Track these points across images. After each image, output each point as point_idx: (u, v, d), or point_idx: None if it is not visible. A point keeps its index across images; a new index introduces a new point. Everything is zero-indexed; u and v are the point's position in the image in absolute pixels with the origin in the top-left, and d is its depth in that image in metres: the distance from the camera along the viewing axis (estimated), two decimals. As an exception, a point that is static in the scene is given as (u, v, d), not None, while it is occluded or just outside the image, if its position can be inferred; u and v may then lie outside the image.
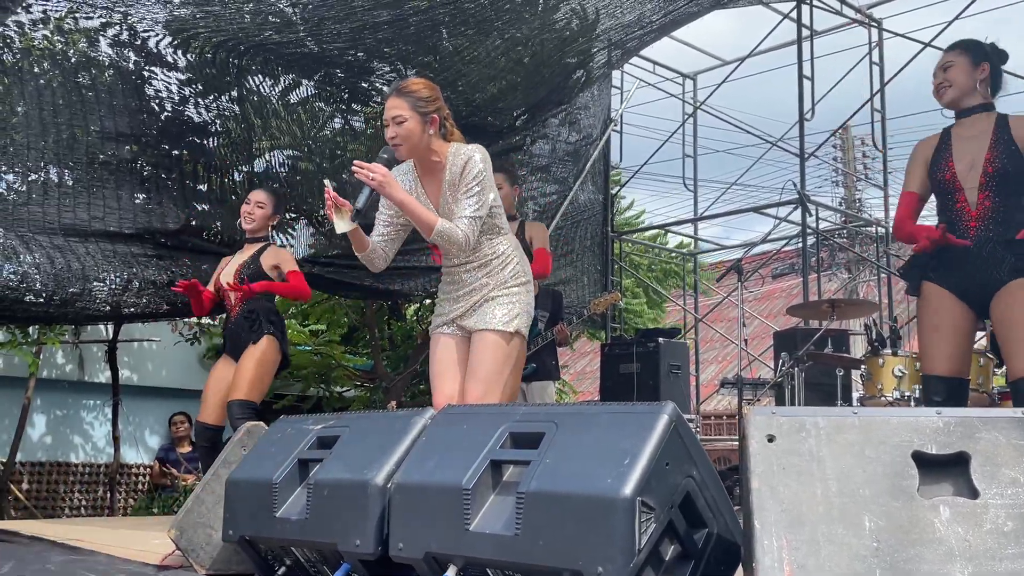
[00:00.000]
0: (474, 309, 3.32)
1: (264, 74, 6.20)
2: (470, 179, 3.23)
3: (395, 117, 3.23)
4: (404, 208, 3.20)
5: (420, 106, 3.25)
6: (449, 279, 3.43)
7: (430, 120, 3.27)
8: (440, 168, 3.31)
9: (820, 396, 6.03)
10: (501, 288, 3.31)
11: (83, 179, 5.66)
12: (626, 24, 6.48)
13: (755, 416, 1.86)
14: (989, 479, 1.70)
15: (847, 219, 11.35)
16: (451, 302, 3.39)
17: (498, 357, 3.25)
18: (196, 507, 3.00)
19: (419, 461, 2.33)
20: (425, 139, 3.27)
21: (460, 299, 3.36)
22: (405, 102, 3.24)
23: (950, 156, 3.47)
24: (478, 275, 3.33)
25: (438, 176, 3.31)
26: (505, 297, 3.31)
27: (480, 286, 3.32)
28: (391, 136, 3.24)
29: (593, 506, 1.89)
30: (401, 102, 3.24)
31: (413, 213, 3.19)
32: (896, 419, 1.81)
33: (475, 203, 3.23)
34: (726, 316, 13.04)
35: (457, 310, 3.35)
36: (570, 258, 8.51)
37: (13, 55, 5.30)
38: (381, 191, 3.18)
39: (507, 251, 3.38)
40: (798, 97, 7.64)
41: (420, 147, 3.28)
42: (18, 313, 5.83)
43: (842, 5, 8.49)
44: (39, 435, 8.86)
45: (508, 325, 3.27)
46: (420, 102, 3.25)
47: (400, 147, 3.26)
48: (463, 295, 3.35)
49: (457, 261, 3.38)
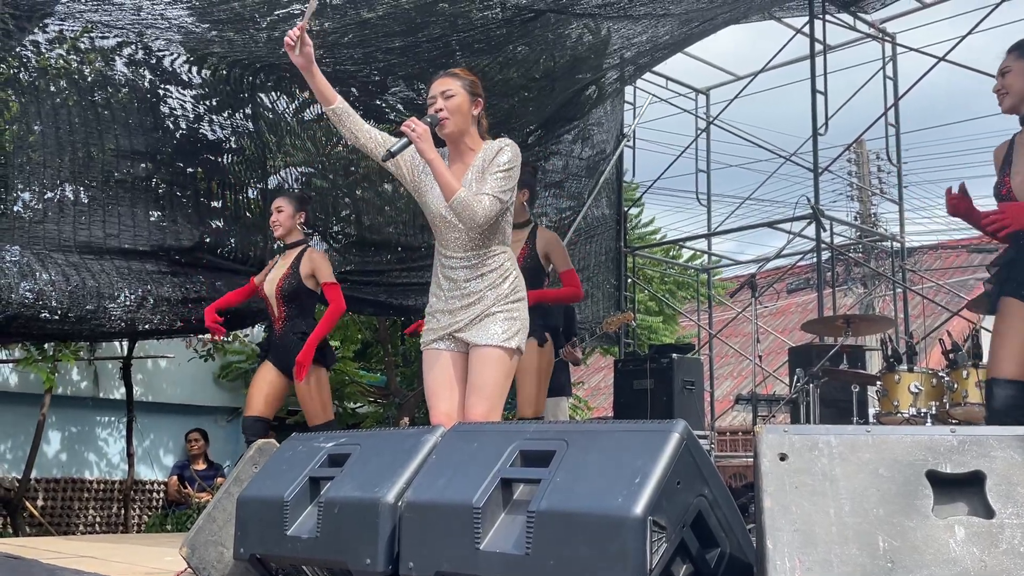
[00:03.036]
0: (473, 323, 3.24)
1: (279, 91, 6.25)
2: (501, 163, 3.19)
3: (444, 91, 3.23)
4: (433, 166, 3.13)
5: (468, 86, 3.27)
6: (445, 276, 3.30)
7: (475, 102, 3.30)
8: (470, 156, 3.29)
9: (836, 412, 5.99)
10: (501, 303, 3.25)
11: (98, 197, 5.70)
12: (639, 42, 6.49)
13: (767, 434, 1.84)
14: (1005, 498, 1.68)
15: (862, 234, 11.29)
16: (447, 314, 3.28)
17: (500, 374, 3.20)
18: (208, 525, 3.00)
19: (430, 479, 2.32)
20: (469, 118, 3.28)
21: (458, 311, 3.25)
22: (455, 80, 3.26)
23: (1008, 170, 3.32)
24: (478, 285, 3.25)
25: (466, 163, 3.29)
26: (505, 313, 3.24)
27: (480, 298, 3.24)
28: (438, 108, 3.22)
29: (604, 525, 1.87)
30: (451, 80, 3.26)
31: (440, 173, 3.13)
32: (910, 437, 1.79)
33: (501, 185, 3.17)
34: (741, 331, 12.98)
35: (456, 324, 3.25)
36: (584, 274, 8.51)
37: (30, 74, 5.36)
38: (417, 144, 3.11)
39: (507, 264, 3.31)
40: (811, 112, 7.62)
41: (463, 125, 3.26)
42: (34, 330, 5.87)
43: (855, 20, 8.47)
44: (54, 452, 8.90)
45: (509, 342, 3.21)
46: (468, 83, 3.28)
47: (447, 120, 3.23)
48: (461, 307, 3.25)
49: (454, 253, 3.27)
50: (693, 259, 12.61)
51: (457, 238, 3.25)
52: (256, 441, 3.21)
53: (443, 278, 3.31)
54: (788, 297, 14.82)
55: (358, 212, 7.10)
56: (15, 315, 5.46)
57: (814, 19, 7.77)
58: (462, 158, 3.31)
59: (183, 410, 9.32)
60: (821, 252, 7.68)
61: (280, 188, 6.58)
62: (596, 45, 6.21)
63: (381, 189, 7.27)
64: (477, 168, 3.25)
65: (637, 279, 9.73)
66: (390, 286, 7.17)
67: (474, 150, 3.29)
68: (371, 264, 7.12)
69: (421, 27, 5.25)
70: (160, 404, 9.33)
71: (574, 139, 7.92)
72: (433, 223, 3.32)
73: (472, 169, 3.26)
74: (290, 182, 6.72)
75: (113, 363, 8.69)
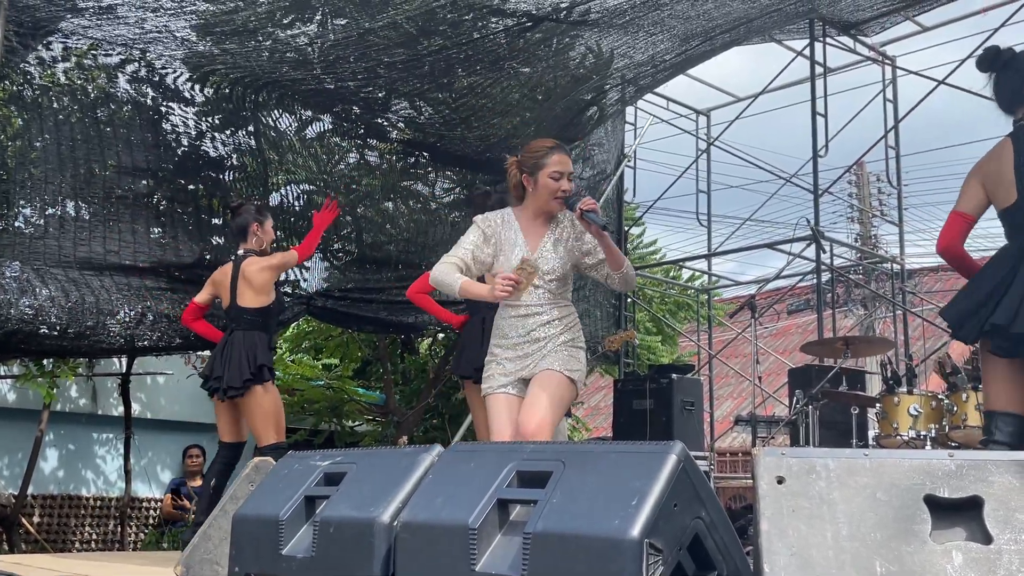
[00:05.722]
0: (537, 362, 3.40)
1: (281, 109, 6.27)
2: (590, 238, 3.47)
3: (570, 174, 3.49)
4: (603, 240, 3.37)
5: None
6: (513, 326, 3.47)
7: None
8: (547, 221, 3.53)
9: (835, 434, 5.96)
10: (567, 345, 3.43)
11: (99, 213, 5.72)
12: (640, 63, 6.52)
13: (765, 457, 1.84)
14: (1003, 524, 1.67)
15: (862, 255, 11.30)
16: (516, 360, 3.44)
17: (557, 392, 3.32)
18: (203, 543, 2.99)
19: (426, 499, 2.31)
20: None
21: (527, 357, 3.42)
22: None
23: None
24: (547, 331, 3.43)
25: (546, 228, 3.52)
26: (568, 352, 3.42)
27: (547, 343, 3.41)
28: (567, 189, 3.46)
29: (600, 547, 1.86)
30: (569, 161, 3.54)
31: (611, 246, 3.39)
32: (908, 461, 1.78)
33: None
34: (741, 352, 12.96)
35: (525, 369, 3.42)
36: (583, 292, 8.50)
37: (33, 91, 5.39)
38: (599, 215, 3.34)
39: (573, 314, 3.53)
40: (812, 133, 7.64)
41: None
42: (33, 346, 5.87)
43: (856, 42, 8.51)
44: (51, 468, 8.87)
45: (571, 372, 3.38)
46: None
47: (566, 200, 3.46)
48: (530, 353, 3.42)
49: (531, 303, 3.45)
50: (693, 279, 12.60)
51: (540, 295, 3.45)
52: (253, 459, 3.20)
53: (509, 328, 3.48)
54: (788, 318, 14.82)
55: (359, 230, 7.10)
56: (14, 331, 5.46)
57: (814, 42, 7.81)
58: (545, 224, 3.53)
59: (181, 427, 9.29)
60: (821, 273, 7.68)
61: (282, 206, 6.60)
62: (598, 65, 6.24)
63: (382, 207, 7.28)
64: (557, 236, 3.49)
65: (637, 299, 9.72)
66: (390, 304, 7.17)
67: (553, 218, 3.54)
68: (371, 282, 7.13)
69: (421, 40, 5.27)
70: (158, 421, 9.30)
71: (575, 159, 7.92)
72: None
73: (551, 236, 3.49)
74: (291, 200, 6.73)
75: (112, 380, 8.67)
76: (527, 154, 3.50)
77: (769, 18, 6.57)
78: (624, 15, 5.45)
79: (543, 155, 3.45)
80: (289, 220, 6.58)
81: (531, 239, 3.49)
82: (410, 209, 7.36)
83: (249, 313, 4.91)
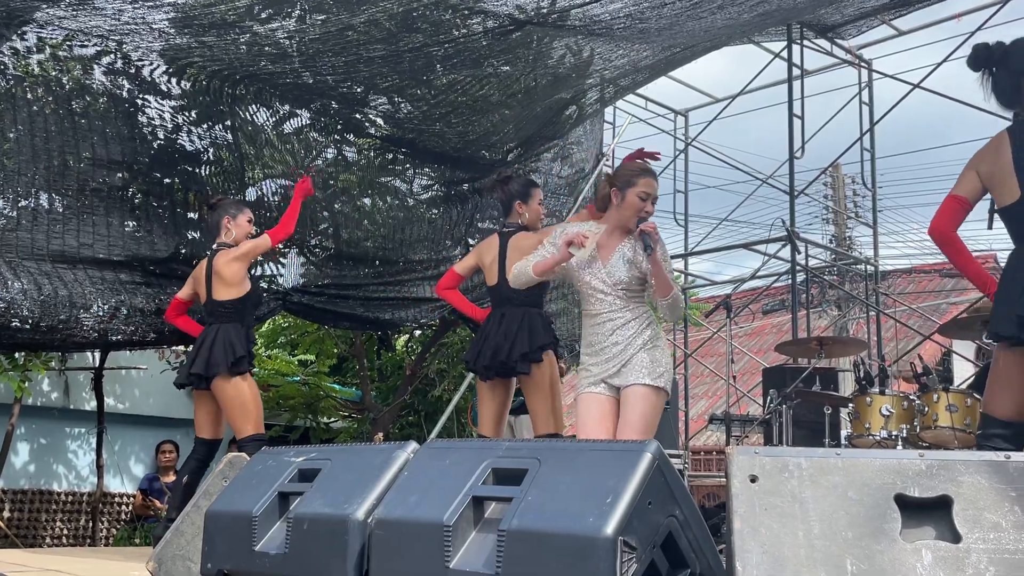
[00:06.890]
0: (621, 369, 3.62)
1: (259, 103, 6.22)
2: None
3: (655, 199, 3.73)
4: (657, 267, 3.57)
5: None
6: (596, 333, 3.70)
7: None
8: (626, 238, 3.71)
9: (808, 434, 6.02)
10: (645, 349, 3.62)
11: (73, 206, 5.65)
12: (620, 65, 6.53)
13: (738, 456, 1.85)
14: (972, 523, 1.69)
15: (837, 256, 11.38)
16: (599, 364, 3.67)
17: (648, 408, 3.56)
18: (175, 539, 2.97)
19: (401, 496, 2.31)
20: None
21: (609, 360, 3.65)
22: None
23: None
24: (624, 334, 3.63)
25: (619, 242, 3.72)
26: (648, 356, 3.61)
27: (627, 346, 3.62)
28: (649, 211, 3.70)
29: (574, 545, 1.87)
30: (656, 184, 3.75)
31: (661, 273, 3.59)
32: (879, 461, 1.80)
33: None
34: (716, 351, 13.02)
35: (608, 371, 3.65)
36: (561, 290, 8.51)
37: (7, 81, 5.31)
38: (656, 239, 3.61)
39: (647, 316, 3.71)
40: (788, 135, 7.70)
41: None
42: (4, 339, 5.79)
43: (833, 45, 8.58)
44: (22, 463, 8.76)
45: (656, 381, 3.59)
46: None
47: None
48: (611, 357, 3.64)
49: (606, 312, 3.68)
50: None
51: (612, 303, 3.68)
52: (227, 455, 3.18)
53: (591, 336, 3.73)
54: (763, 318, 14.90)
55: (336, 226, 7.06)
56: (-15, 324, 5.39)
57: (792, 44, 7.87)
58: (618, 239, 3.73)
59: (155, 422, 9.21)
60: (796, 274, 7.74)
61: (259, 201, 6.55)
62: (578, 66, 6.24)
63: (360, 203, 7.25)
64: (627, 251, 3.68)
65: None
66: (367, 300, 7.14)
67: (628, 234, 3.72)
68: (348, 278, 7.09)
69: (401, 37, 5.25)
70: (131, 416, 9.21)
71: (553, 157, 7.93)
72: (584, 292, 3.75)
73: (622, 252, 3.69)
74: (268, 195, 6.68)
75: (84, 374, 8.58)
76: (621, 170, 3.77)
77: (749, 23, 6.61)
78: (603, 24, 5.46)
79: (636, 174, 3.68)
80: (266, 215, 6.54)
81: (604, 251, 3.70)
82: (388, 205, 7.34)
83: (224, 306, 4.91)
